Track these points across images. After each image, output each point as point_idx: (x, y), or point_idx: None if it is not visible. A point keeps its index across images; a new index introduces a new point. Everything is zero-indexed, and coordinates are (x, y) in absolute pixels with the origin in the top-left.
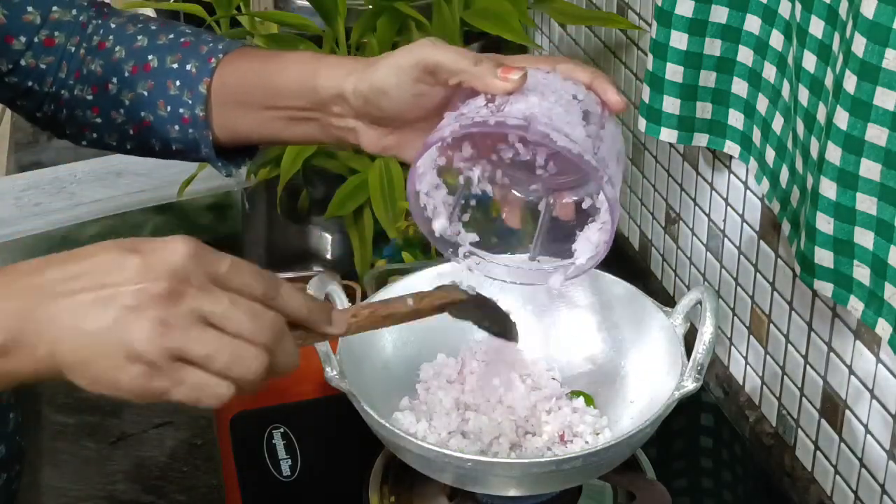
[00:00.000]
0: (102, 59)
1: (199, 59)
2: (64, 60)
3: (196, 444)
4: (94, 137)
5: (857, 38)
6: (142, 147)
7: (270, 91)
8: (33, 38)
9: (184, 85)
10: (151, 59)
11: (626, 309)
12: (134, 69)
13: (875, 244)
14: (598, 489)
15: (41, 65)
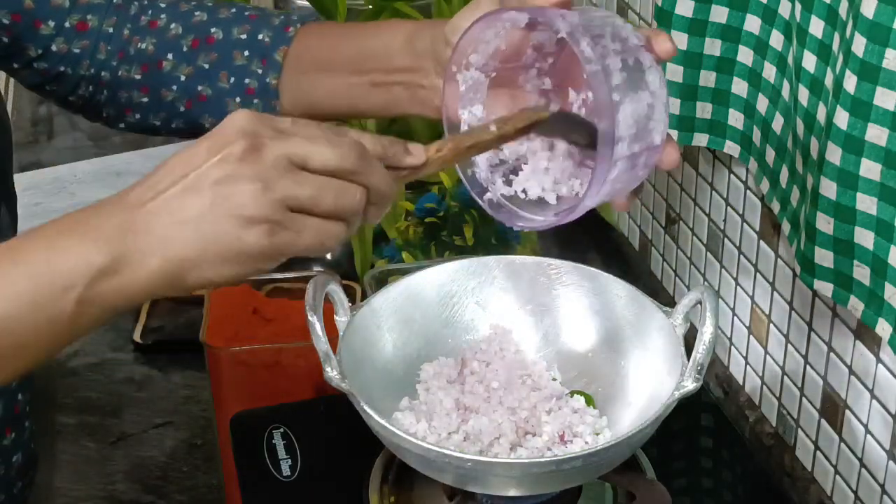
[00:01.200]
0: (155, 37)
1: (272, 29)
2: (101, 42)
3: (196, 444)
4: (136, 119)
5: (857, 38)
6: (191, 124)
7: (363, 53)
8: (63, 23)
9: (254, 54)
10: (215, 31)
11: (626, 309)
12: (194, 43)
13: (875, 244)
14: (598, 489)
15: (74, 49)
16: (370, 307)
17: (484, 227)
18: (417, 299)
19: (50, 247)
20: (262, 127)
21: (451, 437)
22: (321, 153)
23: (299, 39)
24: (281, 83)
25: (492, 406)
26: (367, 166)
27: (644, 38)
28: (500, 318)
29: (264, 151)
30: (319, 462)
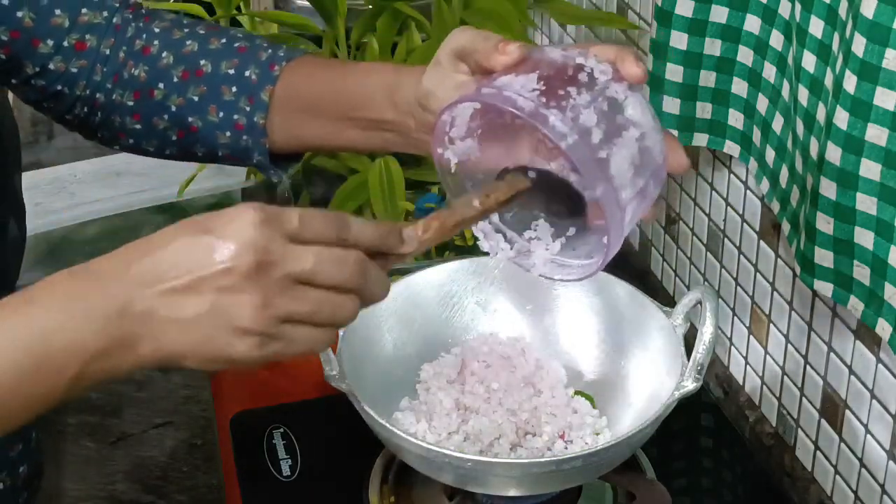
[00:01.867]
0: (147, 64)
1: (259, 66)
2: (98, 63)
3: (196, 444)
4: (131, 143)
5: (857, 38)
6: (184, 152)
7: (349, 101)
8: (62, 42)
9: (241, 91)
10: (204, 64)
11: (626, 309)
12: (184, 74)
13: (875, 244)
14: (598, 489)
15: (72, 69)
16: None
17: None
18: (417, 299)
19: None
20: (273, 237)
21: (452, 438)
22: (327, 273)
23: (286, 78)
24: (269, 122)
25: (492, 406)
26: (367, 280)
27: (611, 68)
28: (500, 318)
29: (272, 270)
30: (319, 462)
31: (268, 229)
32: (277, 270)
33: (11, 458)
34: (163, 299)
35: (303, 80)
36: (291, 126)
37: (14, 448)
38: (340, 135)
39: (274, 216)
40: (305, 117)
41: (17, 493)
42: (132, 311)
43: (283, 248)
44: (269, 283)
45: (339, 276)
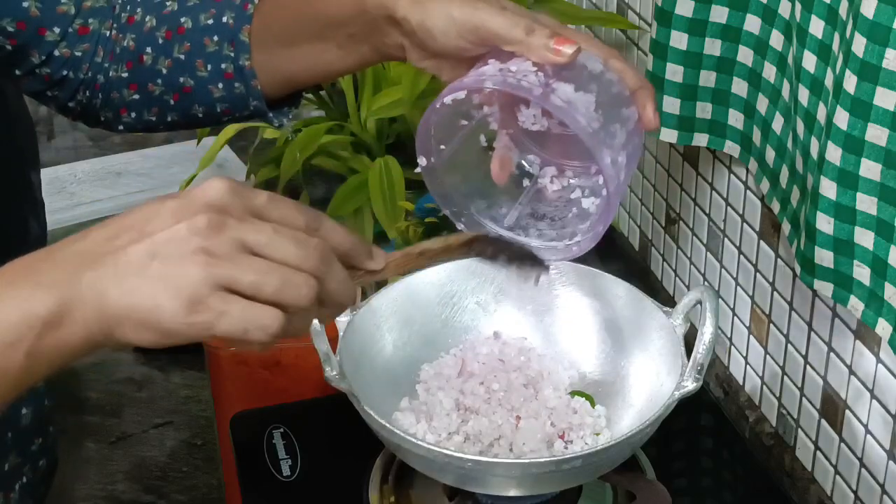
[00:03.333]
0: (133, 32)
1: (233, 10)
2: (100, 45)
3: (196, 444)
4: (133, 118)
5: (857, 38)
6: (185, 116)
7: (321, 21)
8: (67, 29)
9: (222, 39)
10: (184, 20)
11: (626, 309)
12: (167, 34)
13: (875, 244)
14: (598, 489)
15: (76, 52)
16: (370, 307)
17: None
18: (417, 299)
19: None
20: (233, 204)
21: (452, 438)
22: (283, 247)
23: (260, 15)
24: (253, 62)
25: (492, 407)
26: (326, 269)
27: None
28: (500, 318)
29: (224, 231)
30: (319, 462)
31: (231, 196)
32: (228, 233)
33: (32, 451)
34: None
35: (275, 12)
36: (274, 61)
37: (34, 441)
38: (319, 59)
39: (241, 189)
40: (285, 50)
41: (36, 487)
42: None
43: (243, 215)
44: (217, 242)
45: (297, 253)
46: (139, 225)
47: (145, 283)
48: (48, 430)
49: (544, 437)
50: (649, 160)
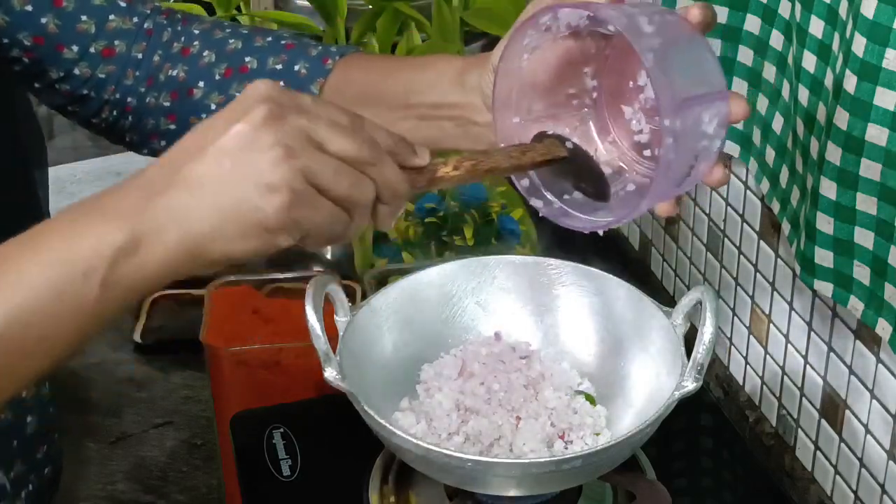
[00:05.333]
0: (187, 64)
1: (309, 61)
2: (129, 68)
3: (196, 444)
4: (162, 146)
5: (857, 38)
6: None
7: (409, 87)
8: (88, 48)
9: (289, 85)
10: (249, 60)
11: (626, 309)
12: (227, 71)
13: (875, 244)
14: (598, 489)
15: (99, 74)
16: (370, 307)
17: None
18: (417, 299)
19: (68, 232)
20: (285, 98)
21: (452, 439)
22: (339, 139)
23: (340, 72)
24: None
25: (492, 407)
26: (380, 160)
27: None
28: (500, 318)
29: (287, 120)
30: (319, 462)
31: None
32: (292, 122)
33: (38, 459)
34: (181, 180)
35: (359, 71)
36: None
37: (40, 449)
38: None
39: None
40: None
41: (42, 494)
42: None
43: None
44: (287, 133)
45: (353, 146)
46: (198, 141)
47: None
48: (53, 437)
49: (544, 438)
50: None
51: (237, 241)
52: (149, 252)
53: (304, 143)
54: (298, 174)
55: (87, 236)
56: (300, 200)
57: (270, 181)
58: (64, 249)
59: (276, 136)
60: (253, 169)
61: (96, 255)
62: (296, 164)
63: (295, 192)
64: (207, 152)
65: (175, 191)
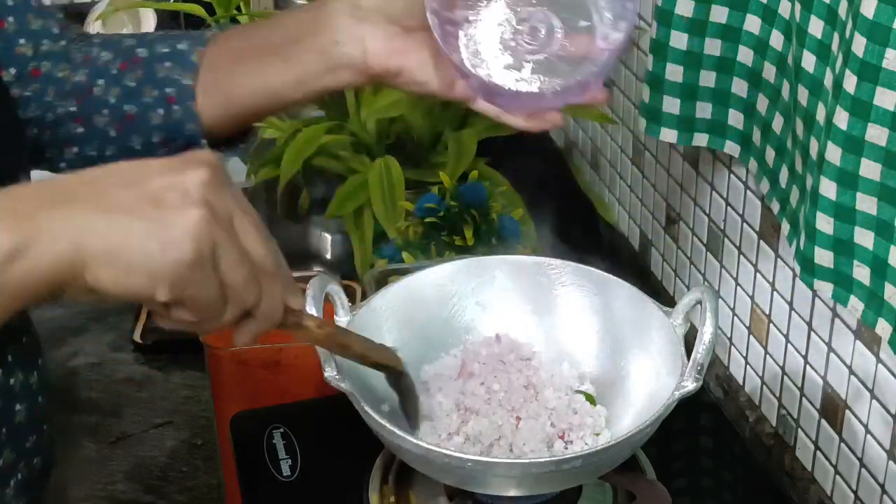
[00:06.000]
0: (88, 67)
1: (192, 38)
2: (50, 85)
3: (196, 444)
4: (75, 153)
5: (857, 38)
6: (122, 149)
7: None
8: (24, 70)
9: (174, 63)
10: (141, 51)
11: (626, 309)
12: (122, 65)
13: (875, 244)
14: (598, 489)
15: (26, 92)
16: (370, 307)
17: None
18: (417, 299)
19: None
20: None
21: (452, 439)
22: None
23: (220, 42)
24: (198, 84)
25: (492, 407)
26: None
27: None
28: (500, 318)
29: (220, 194)
30: (319, 462)
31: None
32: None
33: (27, 448)
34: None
35: (236, 36)
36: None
37: (29, 439)
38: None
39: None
40: (232, 67)
41: (32, 484)
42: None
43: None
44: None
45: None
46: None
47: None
48: (42, 427)
49: (544, 438)
50: (649, 160)
51: (122, 274)
52: (36, 258)
53: (226, 220)
54: (209, 241)
55: None
56: (199, 264)
57: (183, 234)
58: None
59: (207, 199)
60: (172, 216)
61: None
62: (211, 231)
63: (199, 254)
64: (133, 185)
65: (83, 205)
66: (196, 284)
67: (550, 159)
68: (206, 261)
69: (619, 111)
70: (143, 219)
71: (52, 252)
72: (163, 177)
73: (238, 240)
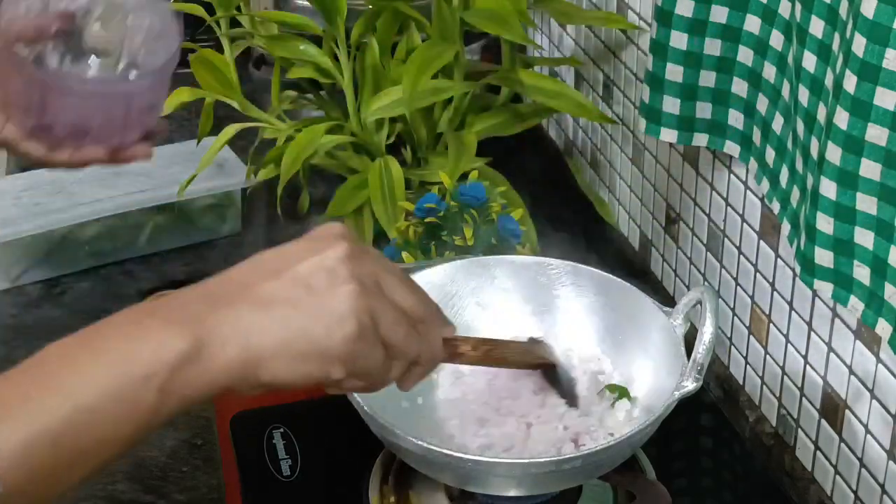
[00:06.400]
0: None
1: None
2: None
3: (196, 444)
4: None
5: (857, 38)
6: None
7: None
8: None
9: None
10: None
11: (626, 309)
12: None
13: (875, 244)
14: (598, 489)
15: None
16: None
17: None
18: None
19: (129, 335)
20: (359, 242)
21: (452, 438)
22: (403, 291)
23: None
24: None
25: (492, 407)
26: (431, 320)
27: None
28: (500, 318)
29: (363, 261)
30: (319, 462)
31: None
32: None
33: None
34: (250, 295)
35: None
36: None
37: None
38: None
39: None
40: None
41: None
42: (218, 312)
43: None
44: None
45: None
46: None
47: (301, 311)
48: None
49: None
50: (649, 160)
51: (295, 364)
52: (209, 362)
53: (374, 286)
54: (367, 311)
55: (149, 340)
56: (364, 335)
57: (343, 311)
58: (125, 351)
59: (353, 273)
60: (328, 298)
61: (158, 360)
62: (366, 301)
63: (362, 326)
64: (283, 275)
65: (243, 305)
66: (364, 355)
67: (550, 159)
68: (368, 330)
69: (619, 111)
70: (302, 307)
71: (224, 355)
72: (306, 261)
73: (389, 300)
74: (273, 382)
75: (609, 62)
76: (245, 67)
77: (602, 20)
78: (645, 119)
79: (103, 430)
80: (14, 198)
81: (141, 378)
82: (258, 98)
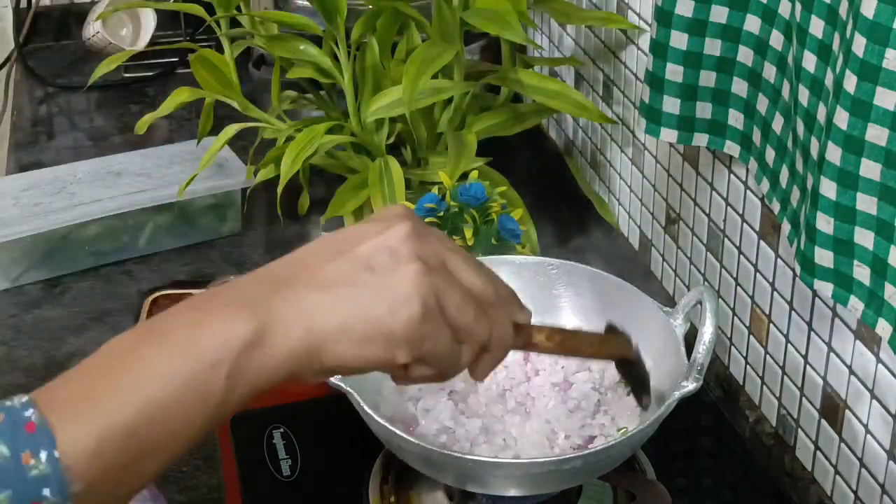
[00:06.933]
0: None
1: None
2: None
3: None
4: None
5: (857, 38)
6: None
7: None
8: None
9: None
10: None
11: (626, 309)
12: None
13: (875, 244)
14: (598, 489)
15: None
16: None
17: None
18: None
19: (191, 322)
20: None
21: (451, 438)
22: (470, 272)
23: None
24: None
25: (492, 407)
26: (501, 303)
27: None
28: None
29: (427, 240)
30: (319, 462)
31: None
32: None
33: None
34: (311, 277)
35: None
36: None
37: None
38: None
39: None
40: None
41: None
42: (279, 298)
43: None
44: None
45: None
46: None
47: (368, 294)
48: None
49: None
50: (649, 160)
51: (359, 346)
52: (273, 345)
53: (440, 265)
54: (432, 291)
55: (213, 326)
56: (429, 316)
57: (406, 291)
58: (189, 340)
59: (416, 252)
60: (390, 277)
61: (224, 346)
62: (431, 281)
63: (427, 306)
64: (344, 256)
65: (304, 287)
66: (431, 337)
67: (550, 159)
68: (433, 311)
69: (619, 111)
70: (365, 287)
71: (288, 338)
72: (368, 241)
73: (456, 280)
74: (338, 366)
75: (609, 62)
76: (245, 67)
77: (602, 20)
78: (645, 119)
79: (174, 421)
80: (14, 198)
81: (209, 365)
82: (258, 98)
